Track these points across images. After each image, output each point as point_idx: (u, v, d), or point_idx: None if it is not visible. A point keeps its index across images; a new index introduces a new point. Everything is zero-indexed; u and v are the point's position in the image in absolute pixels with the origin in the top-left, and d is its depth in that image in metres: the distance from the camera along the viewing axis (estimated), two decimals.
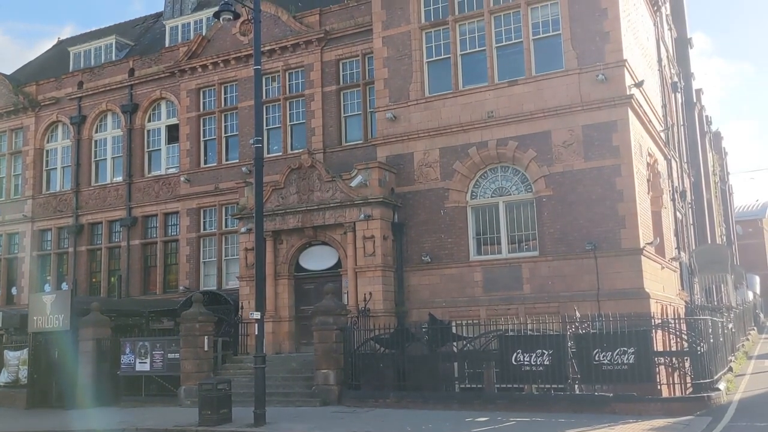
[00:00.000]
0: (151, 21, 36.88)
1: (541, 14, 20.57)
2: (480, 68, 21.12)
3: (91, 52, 33.84)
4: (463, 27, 21.55)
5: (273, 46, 26.30)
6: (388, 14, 22.53)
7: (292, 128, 26.53)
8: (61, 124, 32.21)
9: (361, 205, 20.78)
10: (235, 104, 27.59)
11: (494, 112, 20.56)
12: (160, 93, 29.57)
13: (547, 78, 20.08)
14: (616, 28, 19.41)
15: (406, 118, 21.84)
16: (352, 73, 25.64)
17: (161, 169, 29.67)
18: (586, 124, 19.44)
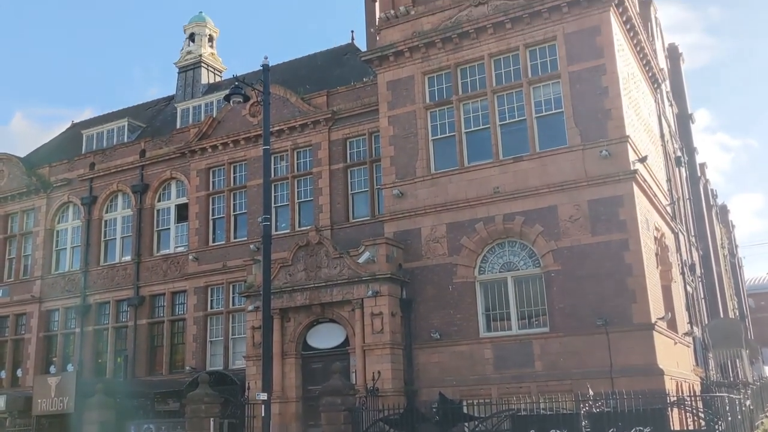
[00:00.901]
0: (163, 104, 37.87)
1: (543, 93, 21.04)
2: (485, 145, 21.45)
3: (103, 134, 34.63)
4: (467, 106, 22.02)
5: (282, 126, 26.88)
6: (394, 95, 23.09)
7: (300, 206, 26.80)
8: (72, 205, 32.63)
9: (368, 282, 20.72)
10: (244, 183, 27.97)
11: (500, 188, 20.75)
12: (170, 173, 30.05)
13: (551, 154, 20.35)
14: (618, 106, 19.80)
15: (413, 194, 22.05)
16: (359, 151, 26.08)
17: (170, 248, 29.83)
18: (592, 199, 19.57)
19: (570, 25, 20.67)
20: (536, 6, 20.83)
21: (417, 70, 22.74)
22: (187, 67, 36.64)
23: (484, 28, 21.61)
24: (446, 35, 22.08)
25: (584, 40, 20.43)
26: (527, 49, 21.28)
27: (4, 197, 33.87)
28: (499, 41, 21.55)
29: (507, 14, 21.19)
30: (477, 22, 21.63)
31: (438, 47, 22.34)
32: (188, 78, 36.42)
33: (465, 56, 22.03)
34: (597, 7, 20.41)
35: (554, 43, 20.92)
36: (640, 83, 24.15)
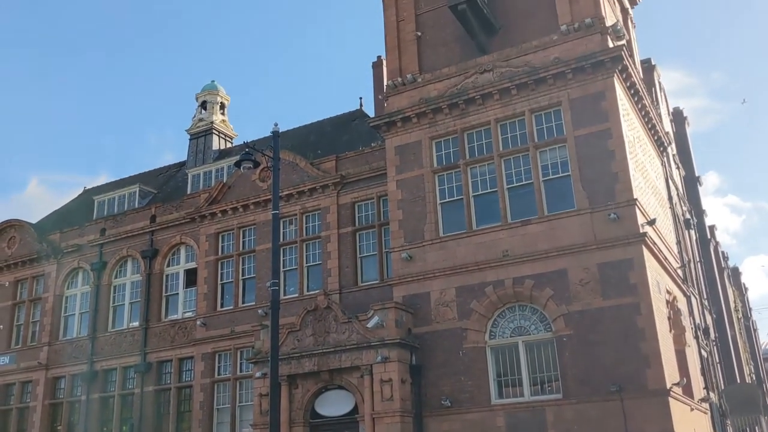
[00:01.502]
0: (174, 170, 38.38)
1: (549, 157, 21.20)
2: (493, 208, 21.51)
3: (115, 200, 34.99)
4: (474, 170, 22.19)
5: (291, 190, 27.12)
6: (402, 159, 23.33)
7: (309, 270, 26.77)
8: (82, 271, 32.71)
9: (378, 347, 20.48)
10: (253, 247, 28.04)
11: (509, 251, 20.69)
12: (180, 238, 30.20)
13: (559, 217, 20.36)
14: (625, 169, 19.90)
15: (422, 257, 22.00)
16: (368, 215, 26.20)
17: (178, 313, 29.70)
18: (602, 262, 19.45)
19: (575, 91, 20.99)
20: (541, 73, 21.22)
21: (424, 135, 23.04)
22: (199, 133, 37.30)
23: (490, 95, 21.97)
24: (453, 101, 22.44)
25: (589, 105, 20.71)
26: (533, 114, 21.57)
27: (15, 263, 34.03)
28: (504, 107, 21.87)
29: (512, 81, 21.57)
30: (483, 88, 22.02)
31: (445, 113, 22.68)
32: (199, 144, 37.03)
33: (471, 121, 22.34)
34: (601, 74, 20.76)
35: (559, 108, 21.21)
36: (647, 146, 24.35)
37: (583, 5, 21.62)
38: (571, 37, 21.45)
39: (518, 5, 22.88)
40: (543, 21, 22.26)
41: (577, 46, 21.25)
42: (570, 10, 21.74)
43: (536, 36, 22.19)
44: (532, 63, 21.68)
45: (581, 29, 21.36)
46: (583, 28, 21.35)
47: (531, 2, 22.69)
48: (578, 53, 21.03)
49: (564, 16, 21.77)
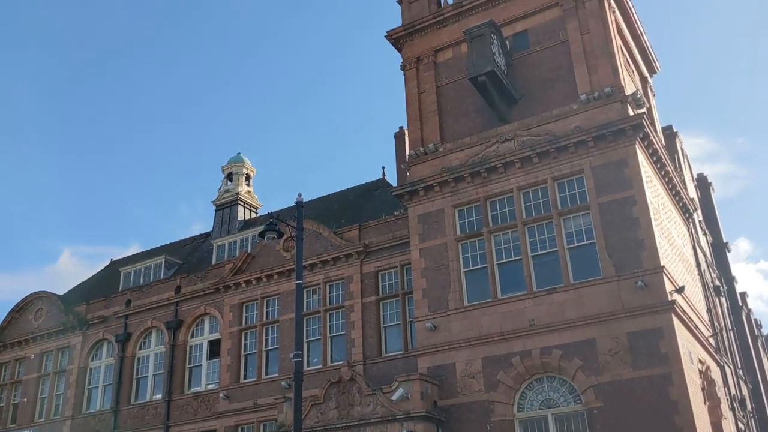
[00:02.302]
0: (199, 240, 38.77)
1: (573, 224, 21.10)
2: (518, 276, 21.30)
3: (141, 271, 35.30)
4: (498, 238, 22.11)
5: (314, 260, 27.18)
6: (425, 227, 23.35)
7: (332, 340, 26.54)
8: (107, 342, 32.74)
9: (403, 420, 20.02)
10: (277, 318, 27.95)
11: (535, 321, 20.37)
12: (204, 309, 30.23)
13: (585, 285, 20.08)
14: (650, 236, 19.70)
15: (446, 327, 21.72)
16: (391, 283, 26.09)
17: (201, 385, 29.45)
18: (631, 331, 19.04)
19: (596, 159, 21.04)
20: (562, 141, 21.36)
21: (447, 204, 23.12)
22: (224, 204, 37.84)
23: (512, 163, 22.10)
24: (474, 170, 22.59)
25: (612, 173, 20.71)
26: (555, 182, 21.60)
27: (42, 335, 34.21)
28: (526, 175, 21.95)
29: (533, 149, 21.72)
30: (504, 157, 22.17)
31: (467, 181, 22.81)
32: (225, 215, 37.51)
33: (494, 189, 22.41)
34: (622, 141, 20.83)
35: (582, 176, 21.23)
36: (672, 213, 24.16)
37: (602, 75, 21.91)
38: (591, 105, 21.65)
39: (537, 75, 23.26)
40: (562, 90, 22.56)
41: (598, 115, 21.42)
42: (589, 80, 22.03)
43: (556, 105, 22.44)
44: (553, 132, 21.86)
45: (601, 98, 21.58)
46: (602, 97, 21.56)
47: (550, 72, 23.05)
48: (599, 121, 21.18)
49: (583, 85, 22.06)
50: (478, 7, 24.79)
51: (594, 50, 22.31)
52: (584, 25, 22.70)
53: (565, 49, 22.97)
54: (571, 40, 22.80)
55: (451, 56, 25.28)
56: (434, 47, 25.51)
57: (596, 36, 22.40)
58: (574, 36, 22.74)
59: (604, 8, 22.71)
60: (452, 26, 25.27)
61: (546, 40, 23.48)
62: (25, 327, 35.13)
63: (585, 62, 22.29)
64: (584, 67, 22.24)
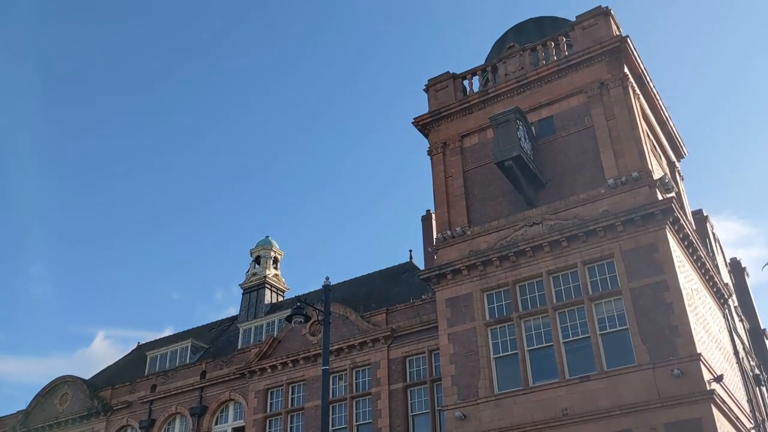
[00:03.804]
0: (226, 324, 38.71)
1: (605, 309, 20.68)
2: (549, 363, 20.76)
3: (167, 356, 35.17)
4: (528, 323, 21.71)
5: (341, 344, 26.88)
6: (453, 312, 23.04)
7: (359, 429, 25.91)
8: (130, 429, 32.32)
9: None
10: (302, 404, 27.44)
11: (568, 410, 19.68)
12: (229, 395, 29.83)
13: (619, 373, 19.47)
14: (685, 322, 19.19)
15: (476, 416, 21.07)
16: (419, 369, 25.60)
17: None
18: (669, 422, 18.27)
19: (626, 243, 20.83)
20: (590, 225, 21.24)
21: (475, 288, 22.88)
22: (252, 288, 37.94)
23: (541, 247, 21.96)
24: (503, 254, 22.46)
25: (643, 257, 20.44)
26: (585, 266, 21.35)
27: (66, 420, 33.89)
28: (556, 259, 21.75)
29: (562, 233, 21.60)
30: (533, 240, 22.06)
31: (495, 265, 22.64)
32: (252, 298, 37.55)
33: (523, 273, 22.19)
34: (652, 226, 20.65)
35: (612, 260, 20.97)
36: (706, 299, 23.61)
37: (629, 159, 21.97)
38: (619, 190, 21.62)
39: (564, 160, 23.40)
40: (589, 175, 22.62)
41: (626, 199, 21.36)
42: (616, 164, 22.08)
43: (583, 189, 22.45)
44: (581, 215, 21.79)
45: (628, 182, 21.56)
46: (630, 181, 21.56)
47: (577, 157, 23.19)
48: (627, 206, 21.10)
49: (610, 170, 22.10)
50: (504, 95, 25.29)
51: (620, 135, 22.47)
52: (609, 111, 22.97)
53: (590, 134, 23.19)
54: (597, 125, 23.04)
55: (477, 141, 25.64)
56: (460, 133, 25.93)
57: (621, 121, 22.61)
58: (600, 122, 22.99)
59: (628, 95, 23.03)
60: (478, 113, 25.74)
61: (571, 126, 23.76)
62: (50, 411, 34.87)
63: (611, 147, 22.42)
64: (611, 152, 22.36)
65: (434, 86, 27.31)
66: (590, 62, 23.90)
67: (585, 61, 23.95)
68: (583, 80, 23.87)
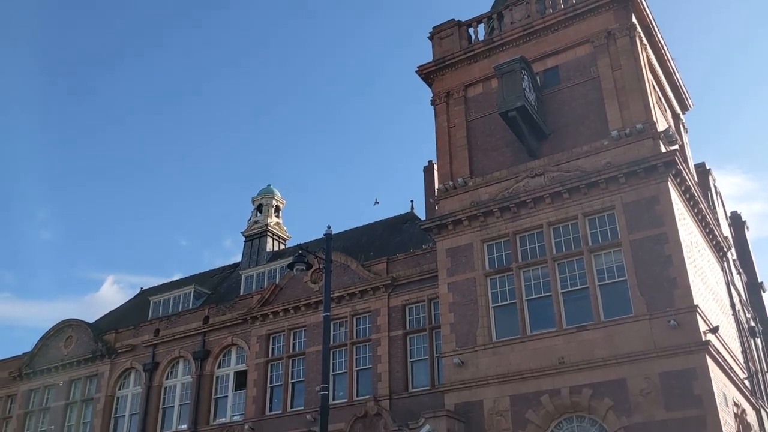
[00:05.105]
0: (228, 271, 39.04)
1: (605, 261, 20.84)
2: (547, 313, 21.03)
3: (170, 301, 35.58)
4: (527, 273, 21.91)
5: (342, 292, 27.17)
6: (453, 262, 23.23)
7: (358, 373, 26.37)
8: (134, 371, 32.89)
9: None
10: (303, 350, 27.90)
11: (565, 359, 20.02)
12: (231, 339, 30.29)
13: (616, 323, 19.74)
14: (683, 274, 19.36)
15: (474, 363, 21.45)
16: (419, 318, 25.94)
17: (226, 416, 29.38)
18: (663, 371, 18.61)
19: (628, 195, 20.85)
20: (592, 177, 21.22)
21: (476, 238, 23.01)
22: (254, 236, 38.13)
23: (542, 198, 22.00)
24: (504, 205, 22.51)
25: (644, 210, 20.49)
26: (586, 218, 21.42)
27: (71, 363, 34.48)
28: (557, 210, 21.81)
29: (564, 185, 21.60)
30: (534, 192, 22.08)
31: (496, 216, 22.72)
32: (254, 246, 37.77)
33: (523, 225, 22.28)
34: (654, 178, 20.64)
35: (613, 212, 21.03)
36: (705, 251, 23.76)
37: (634, 111, 21.82)
38: (623, 142, 21.54)
39: (568, 111, 23.24)
40: (593, 126, 22.50)
41: (629, 151, 21.29)
42: (620, 116, 21.94)
43: (587, 141, 22.37)
44: (583, 167, 21.75)
45: (632, 134, 21.46)
46: (634, 133, 21.45)
47: (581, 108, 23.03)
48: (630, 158, 21.04)
49: (614, 121, 21.97)
50: (509, 44, 24.96)
51: (625, 87, 22.26)
52: (615, 62, 22.70)
53: (596, 85, 22.97)
54: (602, 76, 22.80)
55: (481, 91, 25.42)
56: (464, 82, 25.68)
57: (628, 72, 22.36)
58: (605, 72, 22.74)
59: (635, 45, 22.72)
60: (483, 62, 25.44)
61: (577, 76, 23.52)
62: (55, 354, 35.47)
63: (616, 98, 22.24)
64: (615, 104, 22.19)
65: (439, 34, 26.93)
66: (598, 11, 23.52)
67: (592, 9, 23.56)
68: (590, 29, 23.53)
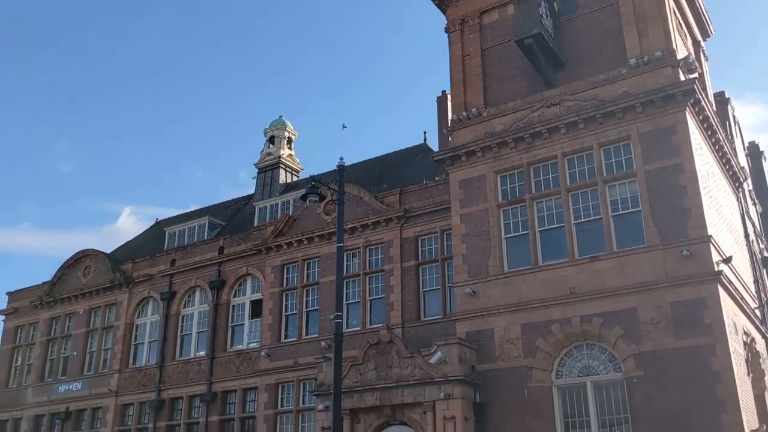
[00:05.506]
0: (242, 203, 39.26)
1: (619, 191, 20.72)
2: (559, 244, 21.09)
3: (185, 232, 35.97)
4: (540, 204, 21.87)
5: (355, 224, 27.31)
6: (466, 193, 23.19)
7: (371, 303, 26.77)
8: (152, 300, 33.58)
9: (441, 383, 20.18)
10: (317, 280, 28.28)
11: (576, 289, 20.20)
12: (246, 270, 30.72)
13: (629, 254, 19.79)
14: (698, 205, 19.25)
15: (486, 293, 21.70)
16: (431, 248, 26.10)
17: (243, 343, 30.10)
18: (674, 301, 18.76)
19: (645, 125, 20.55)
20: (609, 107, 20.88)
21: (489, 169, 22.89)
22: (266, 167, 38.12)
23: (557, 128, 21.73)
24: (518, 135, 22.28)
25: (660, 139, 20.23)
26: (601, 148, 21.20)
27: (90, 291, 35.24)
28: (572, 140, 21.58)
29: (580, 114, 21.29)
30: (549, 122, 21.80)
31: (510, 147, 22.52)
32: (267, 178, 37.81)
33: (538, 155, 22.10)
34: (672, 107, 20.28)
35: (629, 142, 20.78)
36: (720, 182, 23.54)
37: (653, 38, 21.26)
38: (641, 70, 21.07)
39: (585, 39, 22.68)
40: (611, 54, 21.99)
41: (647, 80, 20.85)
42: (639, 44, 21.40)
43: (604, 69, 21.91)
44: (600, 96, 21.38)
45: (651, 62, 20.98)
46: (653, 61, 20.96)
47: (598, 36, 22.46)
48: (648, 87, 20.63)
49: (633, 49, 21.45)
50: None
51: (645, 13, 21.63)
52: None
53: (614, 11, 22.33)
54: (622, 2, 22.13)
55: (497, 18, 24.80)
56: (480, 9, 25.03)
57: None
58: None
59: None
60: None
61: (595, 2, 22.85)
62: (75, 283, 36.23)
63: (635, 25, 21.64)
64: (634, 31, 21.61)
65: None
66: None
67: None
68: None
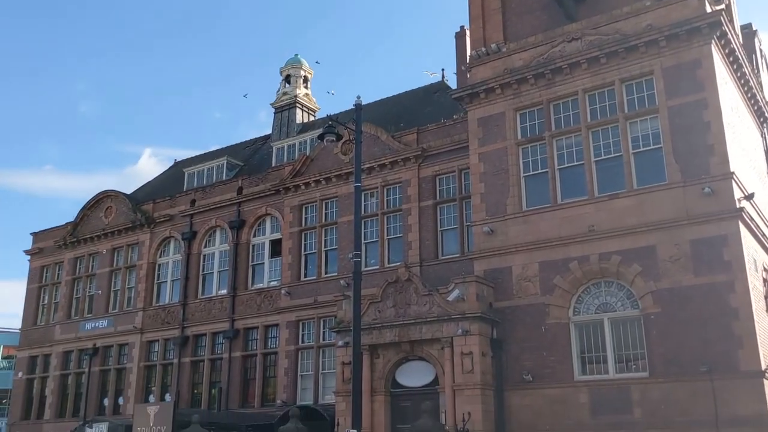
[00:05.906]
0: (260, 143, 39.22)
1: (640, 128, 20.41)
2: (579, 182, 20.94)
3: (204, 172, 36.13)
4: (560, 142, 21.63)
5: (372, 163, 27.24)
6: (485, 131, 22.97)
7: (390, 242, 26.94)
8: (173, 240, 34.04)
9: (458, 320, 20.45)
10: (335, 219, 28.44)
11: (595, 226, 20.15)
12: (265, 209, 30.93)
13: (649, 191, 19.63)
14: (721, 141, 18.94)
15: (504, 231, 21.72)
16: (449, 188, 26.05)
17: (264, 282, 30.57)
18: (694, 238, 18.67)
19: (668, 59, 20.05)
20: (632, 41, 20.37)
21: (508, 107, 22.59)
22: (283, 107, 37.90)
23: (578, 64, 21.28)
24: (539, 71, 21.87)
25: (684, 74, 19.76)
26: (623, 84, 20.78)
27: (112, 232, 35.76)
28: (593, 76, 21.15)
29: (602, 49, 20.81)
30: (570, 57, 21.35)
31: (530, 83, 22.15)
32: (284, 118, 37.65)
33: (558, 92, 21.74)
34: (697, 41, 19.74)
35: (651, 78, 20.34)
36: (745, 117, 23.07)
37: None
38: (665, 2, 20.44)
39: None
40: None
41: (672, 12, 20.24)
42: None
43: (627, 2, 21.28)
44: (623, 30, 20.84)
45: None
46: None
47: None
48: (673, 19, 20.05)
49: None
50: None
51: None
52: None
53: None
54: None
55: None
56: None
57: None
58: None
59: None
60: None
61: None
62: (97, 224, 36.76)
63: None
64: None
65: None
66: None
67: None
68: None
